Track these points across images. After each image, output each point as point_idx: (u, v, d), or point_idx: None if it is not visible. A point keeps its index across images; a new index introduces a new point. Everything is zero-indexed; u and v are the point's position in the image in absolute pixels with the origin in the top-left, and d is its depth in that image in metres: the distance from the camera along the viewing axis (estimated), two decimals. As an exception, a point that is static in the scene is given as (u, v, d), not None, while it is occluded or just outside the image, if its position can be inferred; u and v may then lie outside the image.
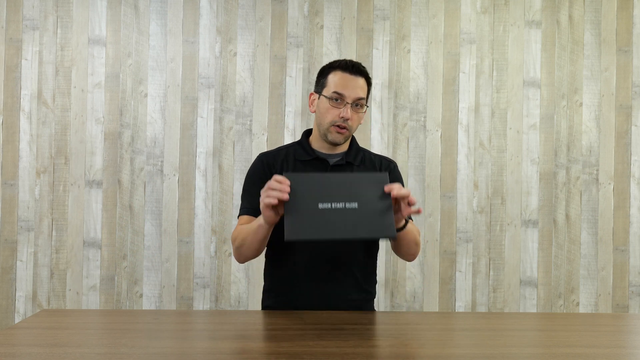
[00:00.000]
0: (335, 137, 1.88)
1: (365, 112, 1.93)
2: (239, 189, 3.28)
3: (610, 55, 3.39)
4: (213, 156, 3.31)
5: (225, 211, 3.30)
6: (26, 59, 3.28)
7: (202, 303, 3.29)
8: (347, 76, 1.85)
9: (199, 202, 3.30)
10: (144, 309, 3.27)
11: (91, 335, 1.53)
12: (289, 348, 1.38)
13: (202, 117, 3.31)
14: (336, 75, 1.86)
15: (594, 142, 3.39)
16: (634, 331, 1.70)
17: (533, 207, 3.36)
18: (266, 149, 3.30)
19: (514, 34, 3.39)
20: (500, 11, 3.39)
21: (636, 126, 3.39)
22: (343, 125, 1.85)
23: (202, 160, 3.31)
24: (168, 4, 3.31)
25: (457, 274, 3.35)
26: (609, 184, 3.38)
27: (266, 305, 1.98)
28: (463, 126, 3.36)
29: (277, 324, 1.63)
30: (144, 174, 3.29)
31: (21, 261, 3.26)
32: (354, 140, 1.99)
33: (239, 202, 1.99)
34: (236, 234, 1.84)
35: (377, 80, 3.35)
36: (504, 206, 3.36)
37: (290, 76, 3.33)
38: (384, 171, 1.97)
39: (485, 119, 3.37)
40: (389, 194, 1.56)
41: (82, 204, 3.28)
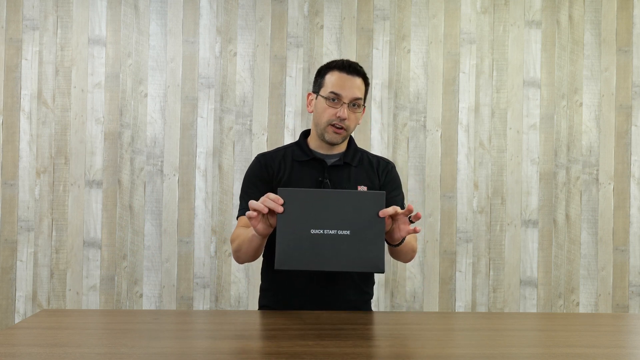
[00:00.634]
0: (332, 137, 1.88)
1: (363, 112, 1.93)
2: (239, 189, 3.27)
3: (610, 55, 3.39)
4: (213, 156, 3.31)
5: (225, 211, 3.30)
6: (26, 59, 3.28)
7: (202, 303, 3.29)
8: (344, 76, 1.84)
9: (199, 202, 3.30)
10: (144, 309, 3.27)
11: (91, 335, 1.53)
12: (289, 348, 1.38)
13: (202, 117, 3.31)
14: (333, 75, 1.86)
15: (594, 142, 3.39)
16: (634, 331, 1.70)
17: (533, 207, 3.36)
18: (266, 149, 3.30)
19: (514, 34, 3.39)
20: (500, 11, 3.39)
21: (636, 126, 3.39)
22: (340, 125, 1.85)
23: (202, 160, 3.31)
24: (168, 4, 3.31)
25: (457, 274, 3.35)
26: (609, 184, 3.38)
27: (263, 305, 1.98)
28: (463, 126, 3.36)
29: (276, 323, 1.63)
30: (144, 174, 3.29)
31: (21, 261, 3.26)
32: (352, 140, 1.99)
33: (238, 203, 1.99)
34: (234, 238, 1.85)
35: (377, 80, 3.35)
36: (504, 206, 3.36)
37: (290, 76, 3.33)
38: (382, 175, 1.97)
39: (485, 119, 3.37)
40: (383, 217, 1.54)
41: (82, 204, 3.28)
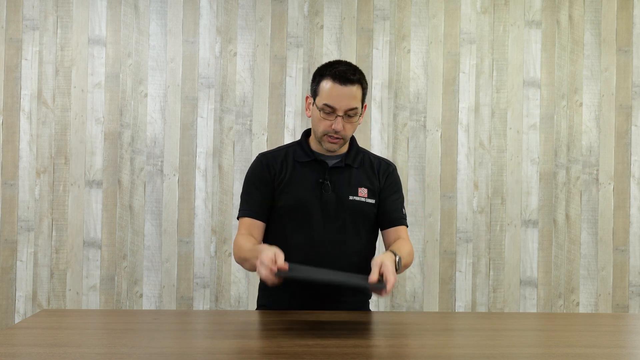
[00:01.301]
0: (329, 146, 1.87)
1: (365, 110, 1.92)
2: (239, 189, 3.28)
3: (610, 55, 3.39)
4: (213, 156, 3.31)
5: (225, 211, 3.30)
6: (26, 59, 3.28)
7: (202, 303, 3.29)
8: (338, 87, 1.80)
9: (199, 202, 3.30)
10: (144, 309, 3.27)
11: (91, 335, 1.53)
12: (289, 348, 1.38)
13: (202, 117, 3.31)
14: (327, 84, 1.81)
15: (594, 142, 3.39)
16: (634, 331, 1.70)
17: (533, 207, 3.36)
18: (266, 149, 3.30)
19: (514, 34, 3.39)
20: (500, 11, 3.39)
21: (636, 126, 3.39)
22: (336, 136, 1.84)
23: (202, 160, 3.31)
24: (168, 4, 3.31)
25: (457, 274, 3.35)
26: (609, 184, 3.38)
27: (261, 304, 1.98)
28: (463, 126, 3.36)
29: (277, 323, 1.63)
30: (144, 174, 3.29)
31: (21, 261, 3.26)
32: (353, 141, 1.98)
33: (239, 204, 1.99)
34: (240, 246, 1.85)
35: (377, 80, 3.35)
36: (504, 206, 3.36)
37: (290, 76, 3.33)
38: (382, 178, 1.96)
39: (485, 119, 3.37)
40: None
41: (82, 204, 3.28)
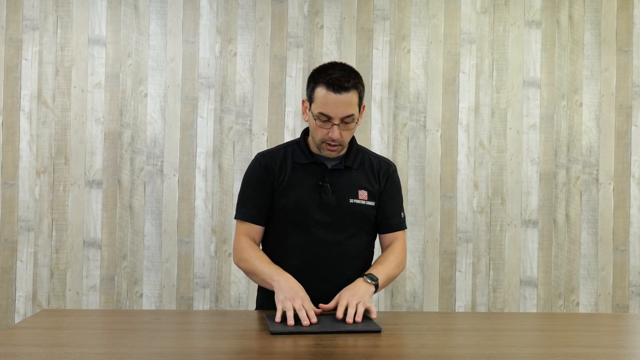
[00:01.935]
0: (327, 154, 1.85)
1: (363, 111, 1.89)
2: (239, 189, 3.27)
3: (610, 55, 3.39)
4: (213, 156, 3.31)
5: (225, 211, 3.29)
6: (26, 59, 3.28)
7: (202, 303, 3.29)
8: (332, 96, 1.74)
9: (199, 202, 3.30)
10: (144, 309, 3.27)
11: (91, 335, 1.53)
12: (289, 348, 1.38)
13: (202, 117, 3.31)
14: (321, 91, 1.76)
15: (594, 142, 3.38)
16: (634, 331, 1.70)
17: (533, 207, 3.36)
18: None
19: (514, 34, 3.39)
20: (500, 11, 3.39)
21: (636, 126, 3.39)
22: (334, 143, 1.82)
23: (202, 160, 3.31)
24: (168, 4, 3.31)
25: (457, 274, 3.35)
26: (609, 184, 3.38)
27: (260, 305, 1.98)
28: (463, 126, 3.36)
29: (277, 324, 1.63)
30: (144, 174, 3.29)
31: (21, 261, 3.26)
32: (353, 141, 1.96)
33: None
34: (249, 256, 1.84)
35: (377, 80, 3.35)
36: (504, 206, 3.36)
37: (290, 76, 3.33)
38: (382, 179, 1.96)
39: (485, 119, 3.37)
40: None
41: (82, 204, 3.28)
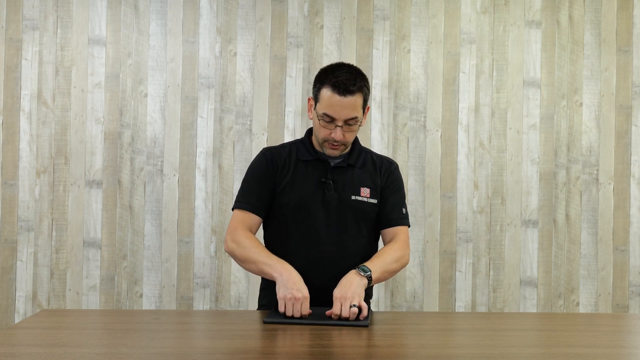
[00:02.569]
0: (330, 152, 1.89)
1: (367, 112, 1.92)
2: (239, 188, 3.28)
3: (610, 55, 3.39)
4: (213, 156, 3.31)
5: (225, 211, 3.29)
6: (26, 59, 3.28)
7: (202, 303, 3.29)
8: (337, 98, 1.78)
9: (199, 202, 3.30)
10: (144, 309, 3.27)
11: (91, 335, 1.53)
12: (289, 348, 1.38)
13: (202, 117, 3.31)
14: (327, 93, 1.80)
15: (594, 142, 3.38)
16: (634, 331, 1.70)
17: (533, 207, 3.36)
18: (266, 149, 3.29)
19: (514, 34, 3.39)
20: (500, 11, 3.39)
21: (636, 126, 3.39)
22: (336, 144, 1.85)
23: (202, 160, 3.31)
24: (168, 4, 3.31)
25: (457, 274, 3.35)
26: (609, 184, 3.38)
27: (262, 304, 1.98)
28: (463, 126, 3.36)
29: (276, 323, 1.63)
30: (144, 174, 3.29)
31: (21, 261, 3.26)
32: (356, 141, 1.99)
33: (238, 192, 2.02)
34: (245, 245, 1.84)
35: (377, 80, 3.35)
36: (504, 206, 3.36)
37: (290, 76, 3.33)
38: (383, 177, 1.97)
39: (485, 119, 3.37)
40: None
41: (82, 204, 3.28)
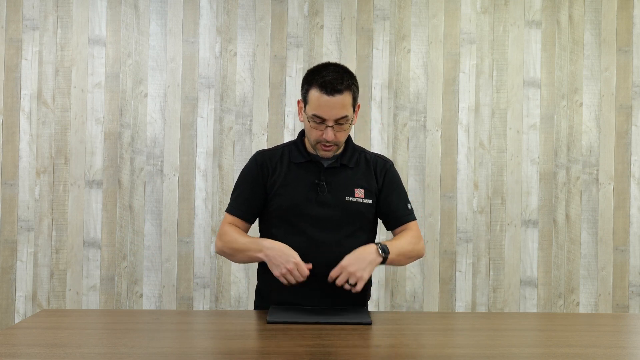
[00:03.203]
0: (323, 154, 1.87)
1: (358, 111, 1.89)
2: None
3: (610, 55, 3.39)
4: (213, 156, 3.31)
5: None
6: (26, 59, 3.28)
7: (202, 303, 3.29)
8: (325, 98, 1.76)
9: (199, 202, 3.30)
10: (144, 309, 3.27)
11: (91, 335, 1.53)
12: (289, 348, 1.38)
13: (202, 117, 3.31)
14: (314, 94, 1.78)
15: (594, 142, 3.38)
16: (634, 331, 1.70)
17: (533, 207, 3.36)
18: (266, 149, 3.29)
19: (514, 34, 3.39)
20: (500, 11, 3.39)
21: (636, 126, 3.39)
22: (328, 144, 1.84)
23: (202, 160, 3.31)
24: (168, 4, 3.31)
25: (457, 274, 3.35)
26: (609, 184, 3.38)
27: (257, 305, 1.98)
28: (463, 126, 3.36)
29: (277, 323, 1.63)
30: (144, 174, 3.29)
31: (21, 261, 3.26)
32: (349, 140, 1.96)
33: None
34: (232, 238, 1.88)
35: (377, 80, 3.35)
36: (504, 206, 3.36)
37: (290, 76, 3.33)
38: (379, 177, 1.96)
39: (485, 119, 3.37)
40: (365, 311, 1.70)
41: (82, 204, 3.28)
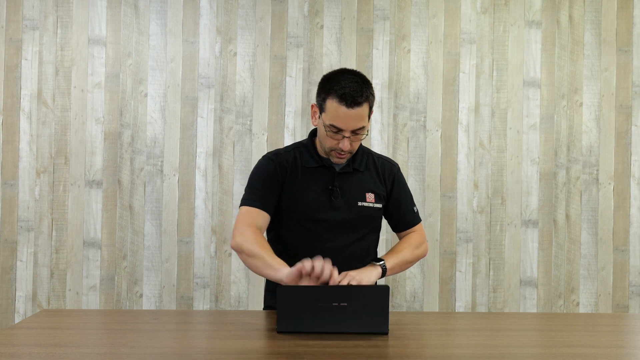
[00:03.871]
0: (336, 161, 1.88)
1: (371, 115, 1.92)
2: (239, 189, 3.28)
3: (610, 55, 3.39)
4: (213, 156, 3.31)
5: (225, 211, 3.29)
6: (26, 59, 3.28)
7: (202, 303, 3.29)
8: (344, 110, 1.75)
9: (199, 202, 3.30)
10: (144, 309, 3.27)
11: (91, 335, 1.53)
12: (289, 348, 1.38)
13: (202, 117, 3.31)
14: (333, 104, 1.77)
15: (594, 142, 3.38)
16: (634, 331, 1.70)
17: (533, 207, 3.36)
18: (266, 149, 3.29)
19: (514, 34, 3.39)
20: (500, 11, 3.39)
21: (636, 126, 3.39)
22: (343, 153, 1.84)
23: (202, 160, 3.31)
24: (168, 4, 3.31)
25: (457, 274, 3.35)
26: (609, 184, 3.38)
27: (267, 306, 1.99)
28: (463, 126, 3.36)
29: (277, 323, 1.63)
30: (144, 174, 3.29)
31: (21, 261, 3.26)
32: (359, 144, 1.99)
33: (239, 202, 1.97)
34: (249, 241, 1.79)
35: (377, 80, 3.35)
36: (504, 206, 3.36)
37: (290, 76, 3.33)
38: (387, 182, 1.98)
39: (485, 119, 3.37)
40: (385, 293, 1.53)
41: (82, 204, 3.28)
